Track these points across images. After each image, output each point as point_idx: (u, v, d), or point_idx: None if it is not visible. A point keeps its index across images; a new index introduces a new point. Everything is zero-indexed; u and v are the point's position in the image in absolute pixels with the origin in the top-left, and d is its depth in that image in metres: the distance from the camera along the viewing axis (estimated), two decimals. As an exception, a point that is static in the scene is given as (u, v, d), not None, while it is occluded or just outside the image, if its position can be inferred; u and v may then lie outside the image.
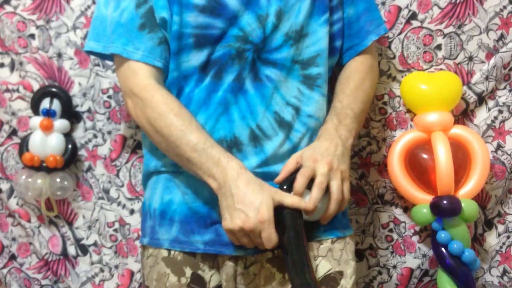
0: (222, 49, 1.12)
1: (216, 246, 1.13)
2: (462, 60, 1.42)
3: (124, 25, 1.13)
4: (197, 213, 1.14)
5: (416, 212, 1.37)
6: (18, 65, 1.50)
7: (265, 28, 1.13)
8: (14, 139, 1.52)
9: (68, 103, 1.47)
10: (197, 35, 1.11)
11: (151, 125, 1.11)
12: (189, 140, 1.06)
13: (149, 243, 1.19)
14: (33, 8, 1.49)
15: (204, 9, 1.11)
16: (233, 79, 1.12)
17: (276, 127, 1.14)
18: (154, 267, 1.17)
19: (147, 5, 1.13)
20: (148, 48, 1.13)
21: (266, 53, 1.14)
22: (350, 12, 1.26)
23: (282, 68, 1.14)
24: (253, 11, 1.12)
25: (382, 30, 1.29)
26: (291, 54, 1.15)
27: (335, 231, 1.18)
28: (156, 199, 1.19)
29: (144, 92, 1.12)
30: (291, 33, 1.14)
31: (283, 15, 1.13)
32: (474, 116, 1.44)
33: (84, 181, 1.53)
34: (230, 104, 1.12)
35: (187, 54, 1.13)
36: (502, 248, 1.47)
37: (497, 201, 1.45)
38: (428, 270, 1.47)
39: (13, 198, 1.52)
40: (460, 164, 1.34)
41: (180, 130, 1.07)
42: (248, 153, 1.12)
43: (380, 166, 1.47)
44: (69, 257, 1.54)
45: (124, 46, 1.13)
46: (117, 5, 1.14)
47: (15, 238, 1.55)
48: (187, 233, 1.14)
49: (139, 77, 1.13)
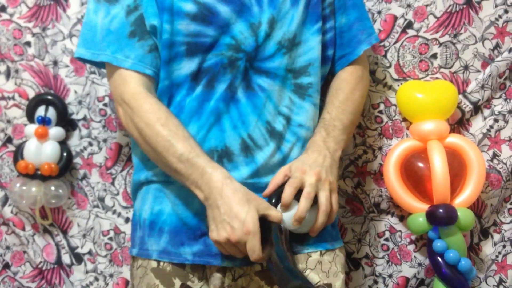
0: (214, 58, 1.11)
1: (204, 257, 1.12)
2: (457, 69, 1.43)
3: (114, 33, 1.12)
4: (186, 224, 1.14)
5: (412, 221, 1.37)
6: (14, 72, 1.49)
7: (257, 37, 1.12)
8: (9, 147, 1.51)
9: (64, 111, 1.47)
10: (189, 43, 1.11)
11: (139, 134, 1.11)
12: (175, 151, 1.05)
13: (138, 253, 1.18)
14: (29, 16, 1.49)
15: (196, 17, 1.10)
16: (225, 88, 1.11)
17: (267, 137, 1.13)
18: (143, 278, 1.16)
19: (137, 12, 1.12)
20: (138, 56, 1.12)
21: (258, 62, 1.13)
22: (342, 21, 1.25)
23: (274, 77, 1.14)
24: (246, 19, 1.11)
25: (374, 40, 1.29)
26: (284, 63, 1.14)
27: (324, 243, 1.17)
28: (146, 209, 1.18)
29: (133, 101, 1.11)
30: (284, 41, 1.14)
31: (275, 23, 1.13)
32: (469, 125, 1.44)
33: (79, 189, 1.52)
34: (222, 113, 1.11)
35: (178, 63, 1.12)
36: (498, 258, 1.47)
37: (493, 210, 1.45)
38: (424, 279, 1.47)
39: (7, 206, 1.52)
40: (456, 173, 1.34)
41: (166, 140, 1.06)
42: (239, 163, 1.12)
43: (376, 174, 1.47)
44: (64, 265, 1.53)
45: (114, 54, 1.12)
46: (107, 12, 1.13)
47: (9, 247, 1.54)
48: (176, 245, 1.13)
49: (129, 85, 1.12)
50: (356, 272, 1.50)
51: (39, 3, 1.48)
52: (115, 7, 1.13)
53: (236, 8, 1.10)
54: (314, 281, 1.14)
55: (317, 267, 1.15)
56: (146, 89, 1.13)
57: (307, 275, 1.14)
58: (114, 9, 1.13)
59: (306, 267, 1.14)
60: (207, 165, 1.04)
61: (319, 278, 1.14)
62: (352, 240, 1.50)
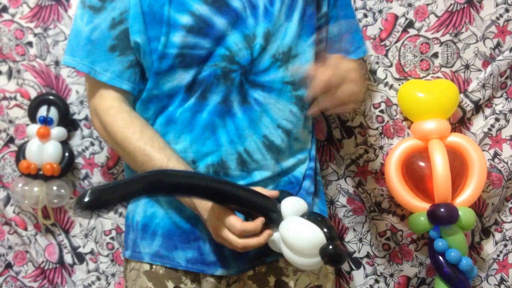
0: (208, 69, 1.09)
1: (198, 265, 1.12)
2: (458, 68, 1.43)
3: (94, 43, 1.10)
4: (180, 227, 1.13)
5: (413, 220, 1.37)
6: (16, 73, 1.50)
7: (252, 50, 1.10)
8: (11, 147, 1.52)
9: (65, 111, 1.48)
10: (183, 54, 1.08)
11: (118, 148, 1.12)
12: (154, 165, 1.05)
13: (131, 256, 1.18)
14: (31, 16, 1.49)
15: (192, 29, 1.07)
16: (219, 101, 1.09)
17: (264, 151, 1.12)
18: (136, 280, 1.16)
19: (122, 26, 1.09)
20: (116, 71, 1.11)
21: (253, 75, 1.11)
22: (333, 31, 1.25)
23: (270, 90, 1.12)
24: (240, 31, 1.09)
25: (361, 53, 1.29)
26: (279, 76, 1.13)
27: None
28: (139, 212, 1.18)
29: (106, 116, 1.11)
30: (278, 54, 1.12)
31: (271, 37, 1.11)
32: (471, 124, 1.44)
33: (81, 189, 1.53)
34: (217, 127, 1.10)
35: (172, 74, 1.10)
36: (499, 257, 1.47)
37: (494, 209, 1.45)
38: (425, 278, 1.47)
39: (9, 206, 1.52)
40: (457, 172, 1.34)
41: (144, 155, 1.07)
42: (235, 177, 1.10)
43: (377, 174, 1.47)
44: (66, 265, 1.54)
45: (92, 65, 1.11)
46: (90, 20, 1.10)
47: (11, 246, 1.55)
48: (169, 248, 1.13)
49: (104, 99, 1.12)
50: (357, 271, 1.50)
51: (41, 3, 1.48)
52: (98, 17, 1.10)
53: (232, 19, 1.08)
54: (304, 283, 1.15)
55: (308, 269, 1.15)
56: (122, 102, 1.13)
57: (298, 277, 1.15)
58: (97, 19, 1.10)
59: (297, 269, 1.14)
60: None
61: (309, 280, 1.16)
62: (353, 239, 1.50)
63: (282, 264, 1.15)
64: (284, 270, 1.16)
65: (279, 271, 1.16)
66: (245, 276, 1.15)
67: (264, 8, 1.11)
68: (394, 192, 1.39)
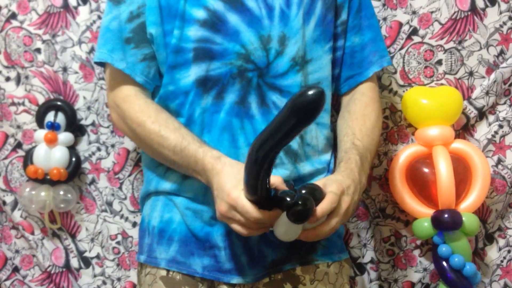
0: (224, 67, 1.10)
1: (214, 272, 1.12)
2: (462, 75, 1.43)
3: (112, 32, 1.15)
4: (195, 235, 1.13)
5: (417, 225, 1.38)
6: (24, 79, 1.51)
7: (268, 53, 1.10)
8: (19, 152, 1.53)
9: (73, 116, 1.49)
10: (196, 49, 1.11)
11: (134, 136, 1.13)
12: (169, 144, 1.07)
13: (146, 261, 1.18)
14: (39, 23, 1.51)
15: (205, 23, 1.10)
16: (236, 102, 1.10)
17: (282, 155, 1.11)
18: (152, 285, 1.15)
19: (139, 20, 1.13)
20: (130, 63, 1.14)
21: (272, 78, 1.11)
22: (355, 40, 1.24)
23: (288, 95, 1.11)
24: (255, 29, 1.10)
25: (385, 62, 1.27)
26: (298, 80, 1.13)
27: (331, 255, 1.18)
28: (156, 216, 1.18)
29: (123, 103, 1.14)
30: (297, 58, 1.12)
31: (287, 40, 1.11)
32: (474, 130, 1.45)
33: (88, 193, 1.54)
34: (235, 129, 1.10)
35: (186, 70, 1.12)
36: (503, 263, 1.47)
37: (498, 215, 1.46)
38: (429, 284, 1.47)
39: (17, 211, 1.53)
40: (461, 178, 1.35)
41: (159, 136, 1.08)
42: None
43: (381, 180, 1.47)
44: (72, 269, 1.55)
45: (110, 53, 1.14)
46: (110, 10, 1.16)
47: (18, 250, 1.56)
48: (186, 254, 1.13)
49: (121, 88, 1.15)
50: (361, 277, 1.51)
51: (49, 10, 1.50)
52: (117, 9, 1.14)
53: (246, 18, 1.10)
54: None
55: (325, 278, 1.15)
56: (139, 92, 1.15)
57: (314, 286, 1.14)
58: (115, 10, 1.15)
59: (314, 278, 1.14)
60: (198, 151, 1.04)
61: None
62: (357, 245, 1.50)
63: (299, 272, 1.15)
64: (301, 278, 1.15)
65: (295, 279, 1.14)
66: (261, 284, 1.14)
67: (281, 10, 1.12)
68: (398, 198, 1.39)
